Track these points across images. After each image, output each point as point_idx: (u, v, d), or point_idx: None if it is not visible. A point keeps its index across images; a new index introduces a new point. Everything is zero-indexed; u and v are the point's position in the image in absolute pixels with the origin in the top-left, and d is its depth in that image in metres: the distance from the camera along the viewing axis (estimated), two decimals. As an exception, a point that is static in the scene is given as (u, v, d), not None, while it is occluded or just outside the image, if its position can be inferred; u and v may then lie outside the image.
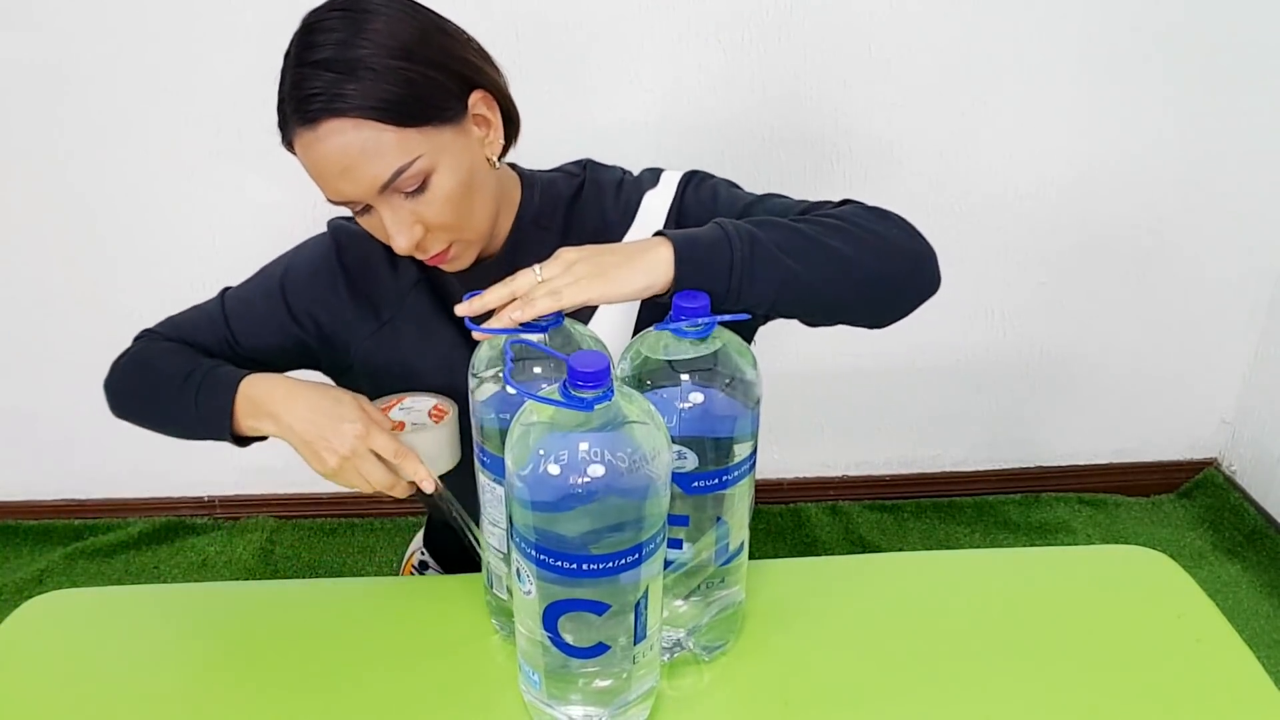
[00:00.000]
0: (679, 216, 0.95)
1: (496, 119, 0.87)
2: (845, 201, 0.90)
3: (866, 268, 0.82)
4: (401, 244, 0.83)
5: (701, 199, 0.95)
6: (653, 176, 0.98)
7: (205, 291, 1.03)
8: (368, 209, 0.84)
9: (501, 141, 0.89)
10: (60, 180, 1.73)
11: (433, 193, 0.82)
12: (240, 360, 0.94)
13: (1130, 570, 0.94)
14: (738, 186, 0.98)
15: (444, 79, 0.82)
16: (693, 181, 0.96)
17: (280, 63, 0.85)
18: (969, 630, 0.85)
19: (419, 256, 0.87)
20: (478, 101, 0.85)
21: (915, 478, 2.07)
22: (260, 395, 0.86)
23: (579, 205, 0.96)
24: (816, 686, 0.79)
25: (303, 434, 0.82)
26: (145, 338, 1.00)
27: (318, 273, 0.96)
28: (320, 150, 0.80)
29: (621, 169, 1.01)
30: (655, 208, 0.95)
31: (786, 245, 0.79)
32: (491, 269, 0.91)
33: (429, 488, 0.83)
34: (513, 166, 0.98)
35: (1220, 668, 0.81)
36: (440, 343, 0.94)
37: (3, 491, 2.04)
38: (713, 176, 0.98)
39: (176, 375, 0.90)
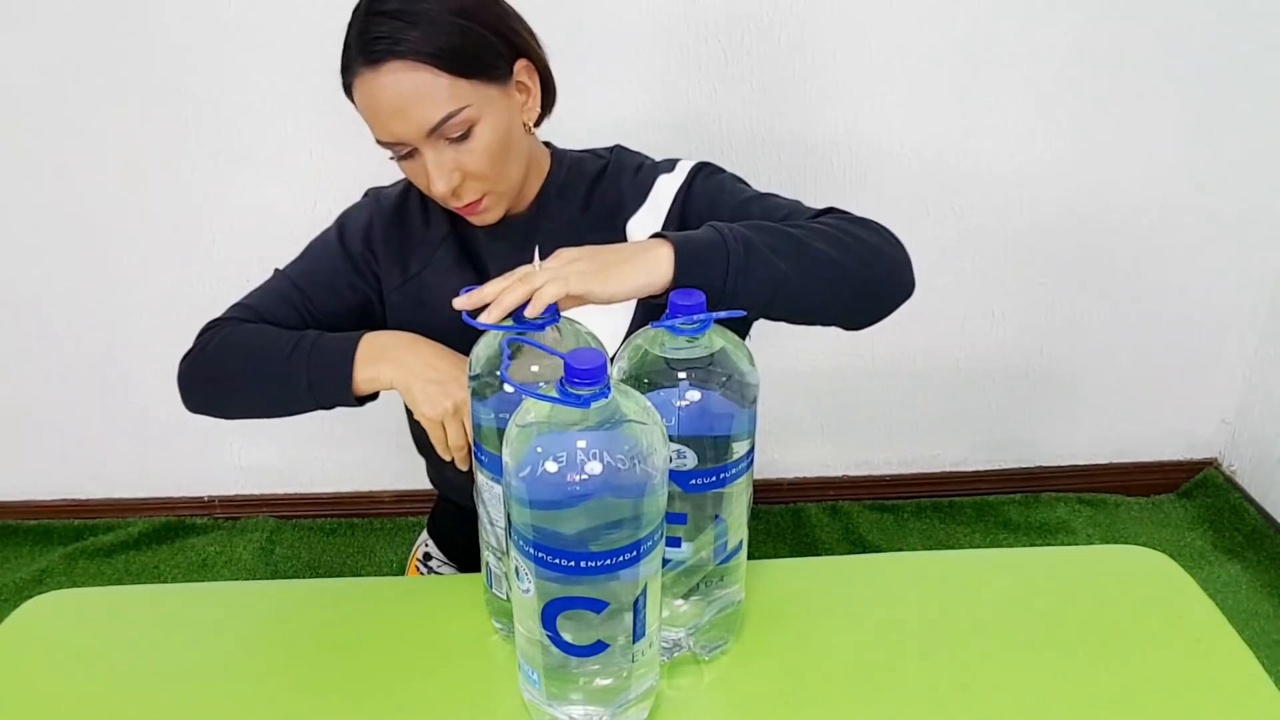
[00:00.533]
0: (685, 200, 1.00)
1: (536, 88, 0.96)
2: (830, 209, 0.95)
3: (851, 272, 0.87)
4: (440, 188, 0.89)
5: (708, 188, 1.00)
6: (670, 163, 1.04)
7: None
8: (412, 153, 0.90)
9: (538, 109, 0.97)
10: (60, 180, 1.73)
11: (474, 142, 0.89)
12: (318, 328, 0.97)
13: (1130, 570, 0.94)
14: (743, 182, 1.03)
15: (495, 41, 0.90)
16: (703, 171, 1.02)
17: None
18: (969, 630, 0.85)
19: (453, 204, 0.93)
20: (521, 69, 0.93)
21: (915, 478, 2.07)
22: (382, 344, 0.91)
23: (601, 182, 1.03)
24: (816, 686, 0.79)
25: (426, 375, 0.87)
26: (220, 325, 0.99)
27: (364, 226, 1.03)
28: (379, 89, 0.86)
29: (645, 155, 1.07)
30: (666, 189, 1.01)
31: (779, 248, 0.82)
32: (517, 226, 1.00)
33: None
34: (547, 145, 1.05)
35: (1220, 668, 0.81)
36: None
37: (3, 491, 2.04)
38: (722, 170, 1.03)
39: (280, 348, 0.93)
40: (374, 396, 0.93)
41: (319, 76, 1.68)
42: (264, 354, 0.94)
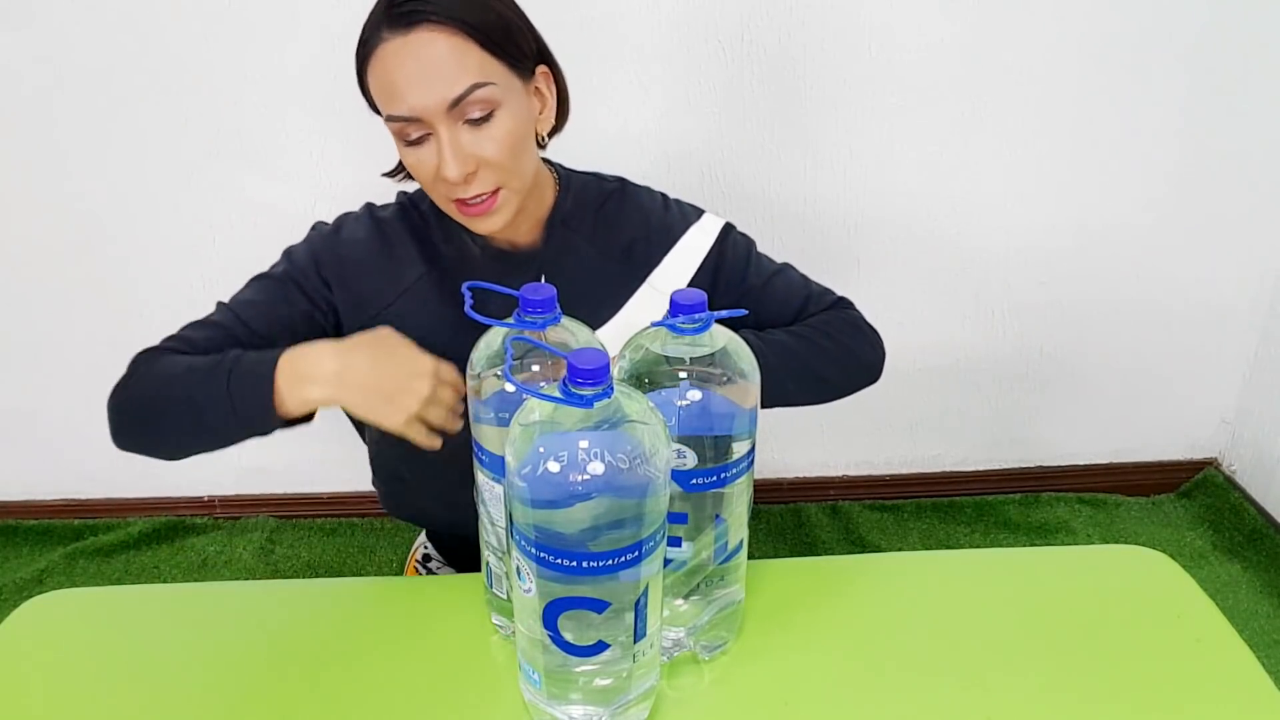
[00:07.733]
0: (719, 260, 1.02)
1: (552, 100, 0.94)
2: (839, 301, 1.04)
3: (835, 384, 1.00)
4: (452, 172, 0.84)
5: (738, 254, 1.03)
6: (695, 212, 1.04)
7: (205, 291, 1.03)
8: (424, 139, 0.85)
9: (553, 121, 0.95)
10: (60, 180, 1.73)
11: (494, 128, 0.85)
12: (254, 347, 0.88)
13: (1130, 570, 0.94)
14: (755, 246, 1.06)
15: (526, 32, 0.89)
16: (731, 235, 1.03)
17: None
18: (969, 630, 0.85)
19: (463, 195, 0.87)
20: (540, 76, 0.91)
21: (915, 478, 2.07)
22: (307, 359, 0.81)
23: (611, 213, 1.01)
24: (816, 686, 0.79)
25: (367, 390, 0.80)
26: (149, 355, 0.91)
27: (314, 254, 0.96)
28: (407, 54, 0.81)
29: (659, 191, 1.05)
30: (698, 243, 1.01)
31: (782, 369, 0.92)
32: (523, 257, 0.97)
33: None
34: (545, 161, 1.02)
35: (1220, 668, 0.81)
36: (443, 329, 0.90)
37: (3, 491, 2.04)
38: (743, 235, 1.05)
39: (199, 371, 0.84)
40: (310, 417, 0.84)
41: (320, 77, 1.68)
42: (185, 379, 0.85)
